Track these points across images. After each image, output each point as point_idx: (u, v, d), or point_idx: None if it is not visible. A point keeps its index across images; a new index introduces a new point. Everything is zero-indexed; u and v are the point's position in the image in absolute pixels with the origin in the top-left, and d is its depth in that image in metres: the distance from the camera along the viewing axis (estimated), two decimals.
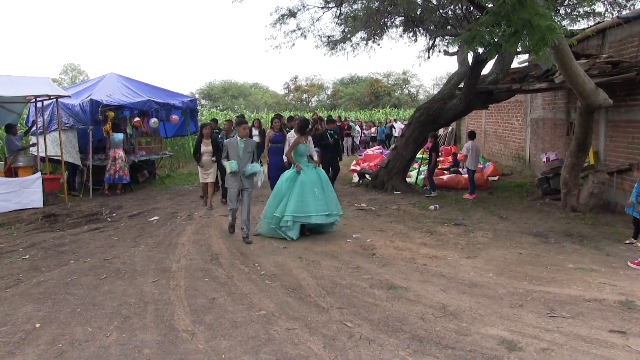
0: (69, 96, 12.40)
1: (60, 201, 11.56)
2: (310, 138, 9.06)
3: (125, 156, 12.84)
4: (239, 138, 8.17)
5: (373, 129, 27.73)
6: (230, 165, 7.98)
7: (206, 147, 10.94)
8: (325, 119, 14.63)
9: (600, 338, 4.55)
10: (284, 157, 9.21)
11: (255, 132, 13.94)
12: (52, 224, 9.70)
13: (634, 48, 9.81)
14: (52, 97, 11.58)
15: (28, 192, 10.84)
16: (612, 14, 10.24)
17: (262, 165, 8.46)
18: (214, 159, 10.90)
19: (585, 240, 8.03)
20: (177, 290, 5.97)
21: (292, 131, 10.63)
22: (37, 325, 4.98)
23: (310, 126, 8.84)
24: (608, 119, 10.83)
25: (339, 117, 25.90)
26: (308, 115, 21.80)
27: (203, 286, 6.09)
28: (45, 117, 12.58)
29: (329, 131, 12.60)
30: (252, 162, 8.14)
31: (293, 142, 8.67)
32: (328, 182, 8.59)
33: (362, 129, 27.21)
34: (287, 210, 8.05)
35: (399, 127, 27.30)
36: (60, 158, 12.04)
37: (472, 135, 12.84)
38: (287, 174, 8.48)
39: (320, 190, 8.26)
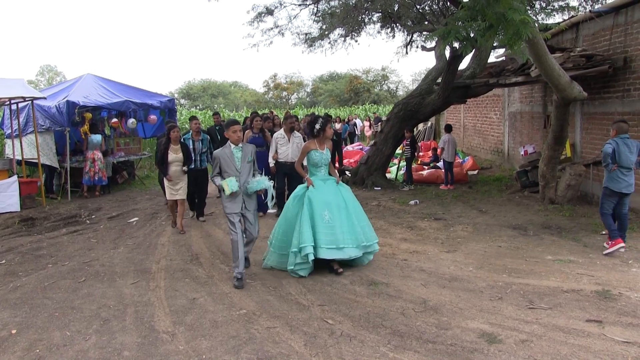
0: (45, 98, 12.23)
1: (38, 204, 11.40)
2: (329, 142, 6.87)
3: (103, 157, 12.71)
4: (232, 145, 6.14)
5: (338, 125, 27.69)
6: (229, 185, 5.93)
7: (175, 155, 8.68)
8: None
9: (577, 328, 4.62)
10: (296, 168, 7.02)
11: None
12: (29, 227, 9.57)
13: (607, 41, 9.95)
14: (27, 99, 11.41)
15: (4, 196, 10.67)
16: (586, 8, 10.36)
17: (270, 180, 6.47)
18: (185, 168, 8.77)
19: (563, 232, 8.13)
20: (157, 292, 5.93)
21: (281, 131, 9.69)
22: (14, 331, 4.91)
23: (320, 125, 6.67)
24: (584, 112, 10.98)
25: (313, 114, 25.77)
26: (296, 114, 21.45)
27: (183, 287, 6.06)
28: (21, 119, 12.40)
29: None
30: (254, 176, 6.26)
31: (304, 147, 6.79)
32: (354, 202, 6.65)
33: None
34: (293, 242, 6.29)
35: (360, 125, 27.42)
36: (37, 161, 11.87)
37: (448, 129, 13.21)
38: (298, 189, 6.68)
39: (338, 214, 6.32)
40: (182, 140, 9.07)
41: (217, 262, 7.07)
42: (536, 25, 8.13)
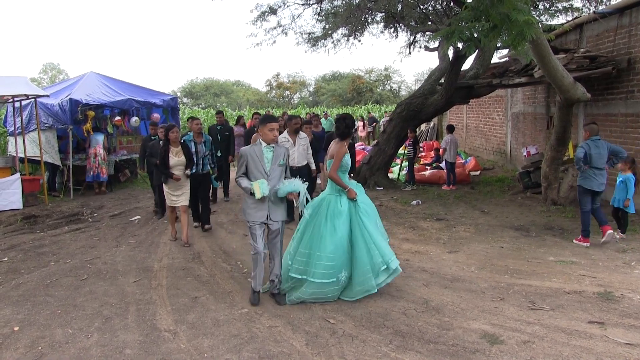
0: (47, 96, 12.26)
1: (40, 202, 11.42)
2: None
3: (105, 154, 12.73)
4: (263, 144, 5.38)
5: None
6: (261, 188, 5.19)
7: (177, 158, 7.78)
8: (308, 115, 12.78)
9: (579, 329, 4.61)
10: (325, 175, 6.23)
11: (238, 129, 13.78)
12: (32, 225, 9.58)
13: (610, 43, 9.94)
14: (30, 96, 11.43)
15: (7, 194, 10.70)
16: (590, 9, 10.34)
17: (304, 182, 5.48)
18: (187, 172, 7.89)
19: (565, 233, 8.12)
20: (159, 290, 5.93)
21: (285, 133, 8.83)
22: (16, 328, 4.92)
23: (349, 124, 5.76)
24: (587, 113, 10.97)
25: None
26: (292, 113, 21.34)
27: (185, 285, 6.06)
28: (24, 117, 12.42)
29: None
30: (286, 179, 5.49)
31: (337, 152, 5.62)
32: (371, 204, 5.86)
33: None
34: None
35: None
36: (39, 158, 11.90)
37: (450, 129, 13.20)
38: (334, 207, 5.50)
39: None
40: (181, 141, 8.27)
41: (219, 260, 7.07)
42: (540, 26, 8.12)
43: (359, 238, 5.36)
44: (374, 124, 26.91)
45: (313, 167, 9.13)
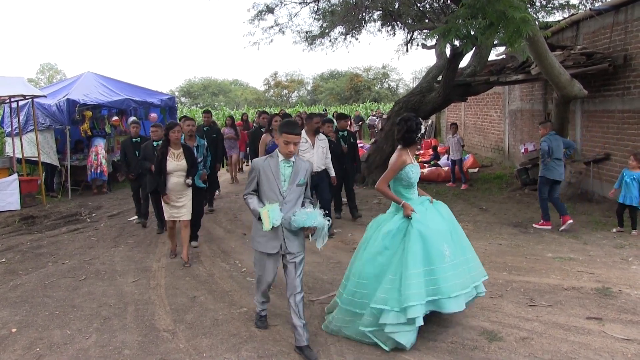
0: (45, 96, 12.26)
1: (38, 203, 11.41)
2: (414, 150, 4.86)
3: (105, 153, 12.73)
4: (281, 157, 4.28)
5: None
6: (271, 216, 4.12)
7: (176, 162, 6.68)
8: (335, 115, 10.42)
9: (577, 325, 4.62)
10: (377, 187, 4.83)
11: (229, 130, 13.65)
12: (29, 226, 9.57)
13: (607, 39, 9.94)
14: (27, 97, 11.41)
15: (4, 194, 10.68)
16: (586, 6, 10.36)
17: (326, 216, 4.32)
18: (188, 181, 6.78)
19: (563, 230, 8.12)
20: (158, 290, 5.93)
21: (303, 134, 7.48)
22: (14, 330, 4.92)
23: (413, 127, 4.65)
24: (584, 110, 10.98)
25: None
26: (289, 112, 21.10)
27: (184, 285, 6.06)
28: (21, 117, 12.41)
29: (340, 133, 9.22)
30: (304, 205, 4.41)
31: (393, 161, 4.67)
32: (456, 224, 4.72)
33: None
34: (404, 296, 4.15)
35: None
36: (37, 159, 11.88)
37: (454, 128, 13.18)
38: (387, 223, 4.59)
39: (454, 246, 4.48)
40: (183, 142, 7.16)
41: (218, 260, 7.07)
42: (536, 23, 8.13)
43: (393, 262, 4.38)
44: (360, 122, 26.83)
45: (332, 173, 8.17)
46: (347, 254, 7.09)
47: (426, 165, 15.36)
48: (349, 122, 9.60)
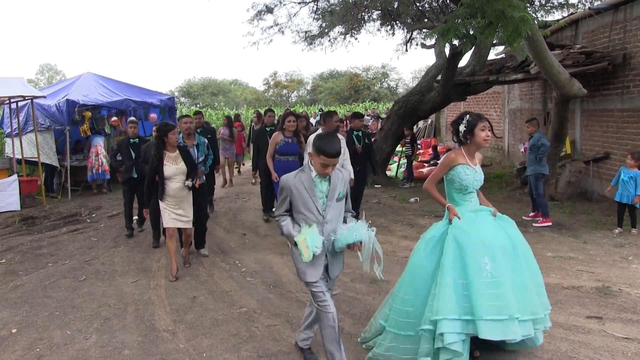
0: (44, 97, 12.26)
1: (38, 203, 11.41)
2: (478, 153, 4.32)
3: (106, 153, 12.74)
4: (313, 170, 3.70)
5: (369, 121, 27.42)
6: (310, 244, 3.56)
7: (175, 166, 6.19)
8: (350, 113, 9.95)
9: (577, 324, 4.62)
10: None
11: (224, 131, 13.36)
12: (29, 226, 9.57)
13: (606, 38, 9.95)
14: (26, 97, 11.41)
15: (4, 195, 10.68)
16: (585, 5, 10.36)
17: (370, 228, 3.76)
18: (188, 183, 6.25)
19: (563, 229, 8.13)
20: (158, 290, 5.94)
21: (319, 131, 6.67)
22: (14, 330, 4.92)
23: (468, 124, 4.07)
24: (583, 109, 10.98)
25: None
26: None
27: (184, 285, 6.06)
28: (21, 118, 12.40)
29: (354, 132, 8.75)
30: (345, 221, 3.87)
31: (442, 159, 4.26)
32: (525, 245, 4.05)
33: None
34: (435, 308, 3.70)
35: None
36: (37, 160, 11.89)
37: None
38: (435, 229, 4.17)
39: (504, 263, 3.78)
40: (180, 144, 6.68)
41: (218, 260, 7.07)
42: (535, 22, 8.12)
43: (435, 275, 3.86)
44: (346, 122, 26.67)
45: (351, 174, 7.34)
46: (346, 253, 7.08)
47: (426, 164, 15.40)
48: (362, 122, 9.19)
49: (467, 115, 4.11)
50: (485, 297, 3.63)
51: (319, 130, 7.10)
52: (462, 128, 4.10)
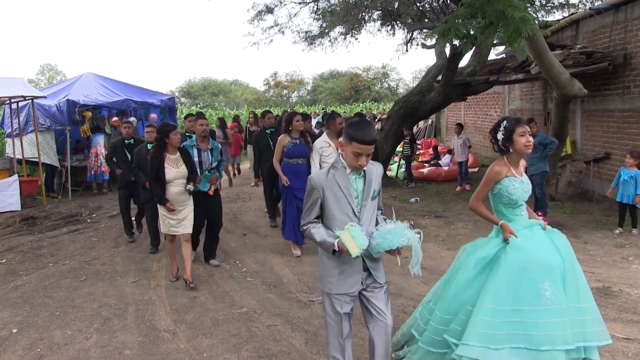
0: (45, 97, 12.27)
1: (39, 203, 11.41)
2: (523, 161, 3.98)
3: (105, 152, 12.74)
4: (348, 168, 3.22)
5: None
6: (356, 238, 3.05)
7: (175, 169, 5.88)
8: (354, 114, 9.06)
9: None
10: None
11: (218, 133, 13.10)
12: (30, 226, 9.58)
13: (607, 39, 9.94)
14: (27, 98, 11.42)
15: (5, 195, 10.69)
16: (586, 5, 10.36)
17: (410, 228, 3.34)
18: (190, 187, 5.96)
19: (563, 229, 8.04)
20: (158, 290, 5.94)
21: (324, 136, 6.97)
22: (15, 330, 4.93)
23: (507, 130, 3.68)
24: (584, 109, 10.98)
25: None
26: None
27: (184, 285, 6.05)
28: (21, 118, 12.41)
29: None
30: (386, 222, 3.35)
31: (487, 173, 3.76)
32: (574, 261, 3.65)
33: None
34: (466, 332, 3.39)
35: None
36: (37, 160, 11.89)
37: (460, 128, 13.17)
38: (482, 248, 3.72)
39: (562, 287, 3.43)
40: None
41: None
42: (536, 22, 8.12)
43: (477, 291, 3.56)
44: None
45: None
46: None
47: (426, 165, 15.40)
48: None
49: (504, 122, 3.75)
50: (543, 327, 3.29)
51: (325, 134, 7.04)
52: (500, 136, 3.74)
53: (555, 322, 3.30)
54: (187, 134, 8.08)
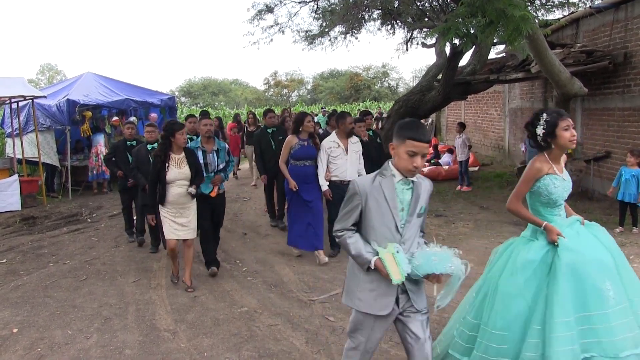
0: (45, 97, 12.27)
1: (39, 203, 11.41)
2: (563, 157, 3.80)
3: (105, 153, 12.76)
4: (397, 175, 2.89)
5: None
6: (399, 263, 2.75)
7: (179, 169, 5.60)
8: (359, 112, 9.33)
9: None
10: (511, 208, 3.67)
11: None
12: (30, 226, 9.58)
13: (607, 37, 9.93)
14: (27, 98, 11.42)
15: (5, 195, 10.69)
16: (586, 4, 10.36)
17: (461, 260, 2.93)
18: (192, 190, 5.66)
19: None
20: (159, 290, 5.94)
21: (333, 136, 6.74)
22: (15, 330, 4.93)
23: (548, 125, 3.42)
24: (584, 108, 10.97)
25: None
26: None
27: (184, 285, 6.05)
28: (22, 118, 12.41)
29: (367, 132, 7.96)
30: (428, 246, 2.99)
31: (527, 170, 3.50)
32: (620, 254, 3.50)
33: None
34: (547, 356, 3.09)
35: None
36: (37, 159, 11.89)
37: (462, 127, 13.15)
38: (524, 252, 3.44)
39: (620, 283, 3.28)
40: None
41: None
42: (536, 21, 8.12)
43: (537, 307, 3.25)
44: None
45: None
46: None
47: (426, 164, 15.40)
48: (371, 120, 8.45)
49: (544, 115, 3.43)
50: (616, 331, 3.08)
51: (333, 133, 6.79)
52: (540, 131, 3.43)
53: (624, 324, 3.11)
54: (187, 135, 7.10)
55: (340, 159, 6.59)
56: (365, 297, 2.94)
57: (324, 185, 6.59)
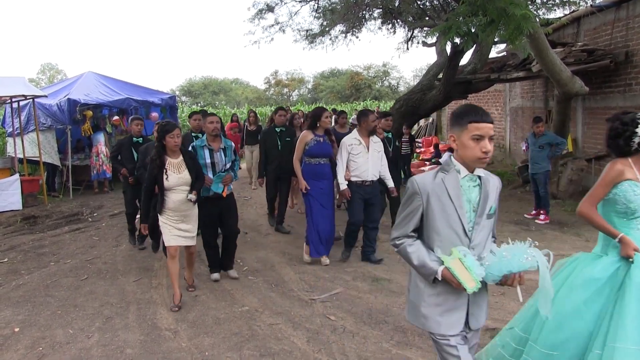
0: (46, 96, 12.27)
1: (40, 202, 11.41)
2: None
3: (107, 152, 12.75)
4: (463, 171, 2.52)
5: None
6: (471, 269, 2.38)
7: (178, 175, 5.20)
8: (378, 112, 8.43)
9: None
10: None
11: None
12: (31, 225, 9.58)
13: (608, 36, 9.93)
14: (28, 97, 11.43)
15: (6, 194, 10.69)
16: (587, 3, 10.35)
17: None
18: (192, 197, 5.24)
19: (565, 227, 8.12)
20: (160, 289, 5.94)
21: (354, 133, 6.42)
22: (16, 329, 4.93)
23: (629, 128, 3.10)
24: (585, 107, 10.97)
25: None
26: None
27: (185, 284, 6.04)
28: (22, 117, 12.42)
29: (385, 134, 7.75)
30: (498, 250, 2.51)
31: (606, 172, 3.19)
32: None
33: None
34: None
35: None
36: (38, 159, 11.90)
37: None
38: (591, 267, 3.18)
39: None
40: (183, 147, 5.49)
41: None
42: (537, 20, 8.11)
43: (600, 330, 2.91)
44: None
45: (390, 183, 6.63)
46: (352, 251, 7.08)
47: (427, 163, 15.40)
48: (391, 121, 8.06)
49: (638, 116, 3.03)
50: None
51: (355, 130, 6.50)
52: (638, 139, 3.03)
53: None
54: (192, 133, 7.46)
55: (361, 157, 6.27)
56: (433, 315, 2.54)
57: (343, 184, 6.26)
